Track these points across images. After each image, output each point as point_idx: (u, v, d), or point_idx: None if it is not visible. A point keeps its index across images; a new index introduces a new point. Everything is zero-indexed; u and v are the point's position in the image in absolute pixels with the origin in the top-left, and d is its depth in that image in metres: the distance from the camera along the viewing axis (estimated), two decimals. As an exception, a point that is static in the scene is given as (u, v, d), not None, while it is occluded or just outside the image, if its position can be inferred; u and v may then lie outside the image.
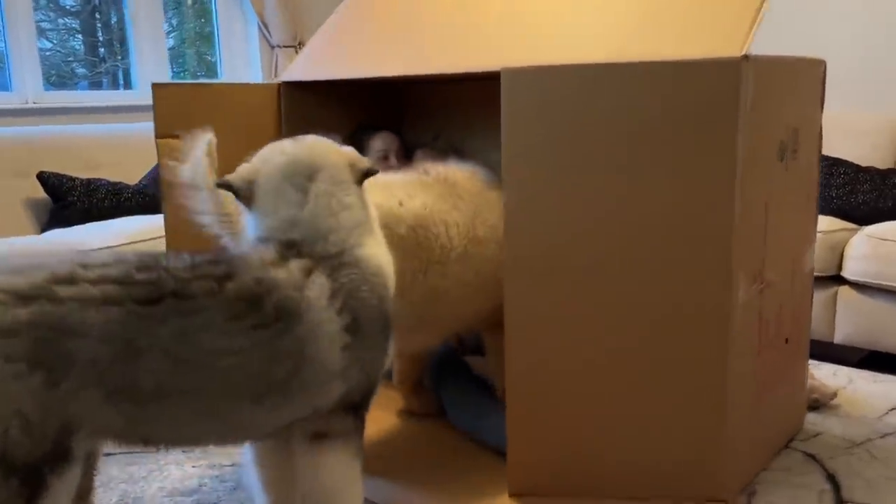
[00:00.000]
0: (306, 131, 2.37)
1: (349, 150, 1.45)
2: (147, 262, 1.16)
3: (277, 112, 2.31)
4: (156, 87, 2.06)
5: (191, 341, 1.13)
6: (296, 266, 1.26)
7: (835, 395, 2.24)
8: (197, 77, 4.30)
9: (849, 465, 1.87)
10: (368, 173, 1.42)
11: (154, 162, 3.13)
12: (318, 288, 1.25)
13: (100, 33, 4.28)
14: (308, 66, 2.38)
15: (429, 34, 2.19)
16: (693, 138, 1.54)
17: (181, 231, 2.01)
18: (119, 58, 4.17)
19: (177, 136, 2.03)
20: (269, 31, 4.08)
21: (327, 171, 1.36)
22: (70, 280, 1.08)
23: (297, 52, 4.16)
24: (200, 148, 1.50)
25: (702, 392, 1.63)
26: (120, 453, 1.99)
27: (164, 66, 3.85)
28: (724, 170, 1.54)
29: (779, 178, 1.73)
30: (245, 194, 1.34)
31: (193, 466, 1.94)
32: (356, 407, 1.40)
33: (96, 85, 4.14)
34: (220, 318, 1.15)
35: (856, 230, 2.63)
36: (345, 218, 1.34)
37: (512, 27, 2.02)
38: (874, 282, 2.45)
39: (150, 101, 3.63)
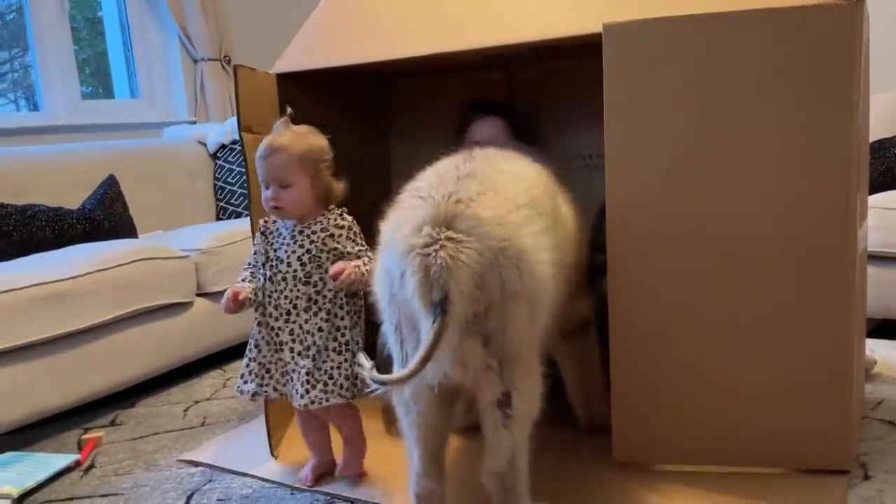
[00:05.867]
0: (301, 123, 2.18)
1: None
2: None
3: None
4: (238, 68, 1.87)
5: None
6: None
7: (875, 363, 2.23)
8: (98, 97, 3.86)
9: (931, 427, 1.85)
10: None
11: (96, 184, 2.77)
12: None
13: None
14: (300, 57, 2.15)
15: (432, 13, 2.04)
16: (809, 86, 1.47)
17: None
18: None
19: (258, 132, 1.77)
20: (192, 44, 3.74)
21: None
22: None
23: (222, 65, 3.85)
24: None
25: (829, 353, 1.54)
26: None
27: (76, 87, 3.43)
28: (842, 121, 1.47)
29: (866, 133, 1.69)
30: None
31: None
32: None
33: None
34: None
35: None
36: None
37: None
38: (881, 250, 2.48)
39: (62, 122, 3.30)
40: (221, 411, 2.27)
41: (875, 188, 2.79)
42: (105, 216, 2.66)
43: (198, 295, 2.56)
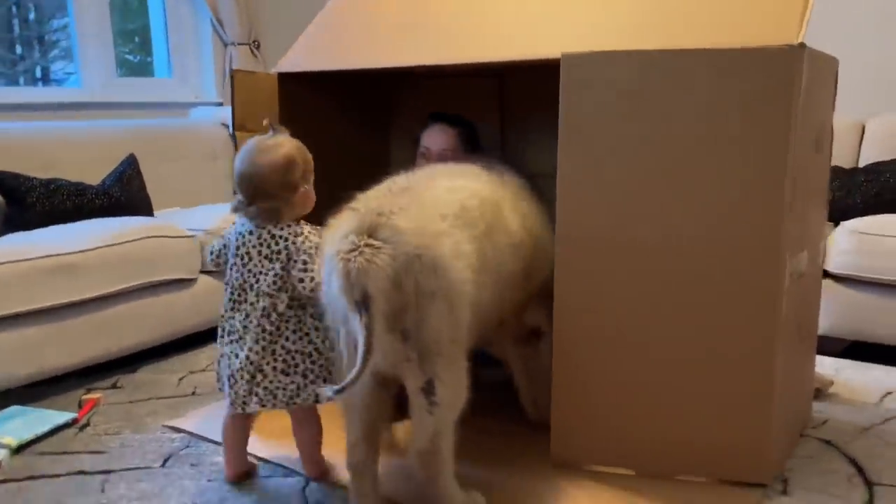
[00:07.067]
0: (302, 122, 2.31)
1: None
2: None
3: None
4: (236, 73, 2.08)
5: None
6: None
7: (831, 383, 2.31)
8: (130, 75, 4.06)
9: (866, 450, 1.93)
10: None
11: (119, 160, 2.97)
12: None
13: (16, 29, 4.00)
14: (303, 57, 2.30)
15: (429, 24, 2.16)
16: (748, 124, 1.57)
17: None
18: (38, 55, 3.91)
19: (252, 130, 1.93)
20: (223, 29, 3.92)
21: None
22: None
23: (251, 49, 4.02)
24: None
25: (752, 375, 1.65)
26: (128, 469, 1.85)
27: (111, 64, 3.63)
28: (777, 157, 1.57)
29: (811, 169, 1.77)
30: None
31: (209, 480, 1.82)
32: None
33: (12, 83, 3.84)
34: None
35: (830, 226, 2.73)
36: None
37: (522, 18, 2.01)
38: (858, 274, 2.54)
39: (99, 98, 3.50)
40: (211, 382, 2.45)
41: (866, 210, 2.84)
42: (122, 193, 2.85)
43: (201, 272, 2.75)
